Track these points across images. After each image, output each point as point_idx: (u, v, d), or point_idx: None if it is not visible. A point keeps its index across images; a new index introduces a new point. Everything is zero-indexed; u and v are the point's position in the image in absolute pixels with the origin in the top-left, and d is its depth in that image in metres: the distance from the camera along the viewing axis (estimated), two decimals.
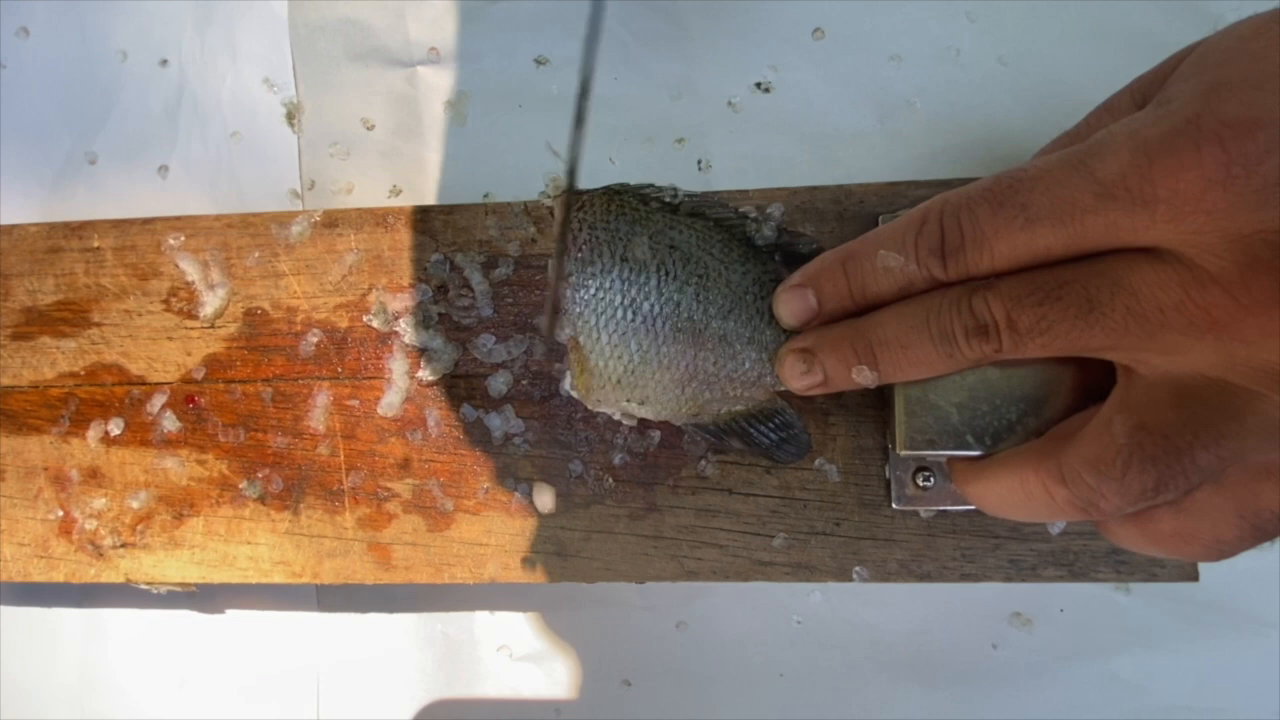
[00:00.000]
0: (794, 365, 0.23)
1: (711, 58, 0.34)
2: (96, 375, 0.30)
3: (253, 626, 0.35)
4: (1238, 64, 0.17)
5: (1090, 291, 0.18)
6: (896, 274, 0.21)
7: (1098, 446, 0.19)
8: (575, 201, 0.26)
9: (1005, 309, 0.19)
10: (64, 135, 0.37)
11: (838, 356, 0.22)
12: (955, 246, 0.19)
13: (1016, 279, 0.19)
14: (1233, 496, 0.18)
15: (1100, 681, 0.31)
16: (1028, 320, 0.19)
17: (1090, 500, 0.19)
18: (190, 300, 0.30)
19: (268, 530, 0.29)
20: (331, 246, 0.29)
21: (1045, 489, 0.19)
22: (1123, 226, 0.17)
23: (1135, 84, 0.21)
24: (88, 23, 0.37)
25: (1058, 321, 0.18)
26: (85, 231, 0.31)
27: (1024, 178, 0.19)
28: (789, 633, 0.33)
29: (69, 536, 0.30)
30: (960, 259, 0.20)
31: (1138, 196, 0.17)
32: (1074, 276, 0.18)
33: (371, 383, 0.29)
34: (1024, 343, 0.19)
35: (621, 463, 0.28)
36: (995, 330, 0.19)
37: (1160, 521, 0.19)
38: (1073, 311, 0.18)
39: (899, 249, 0.21)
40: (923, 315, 0.21)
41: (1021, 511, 0.21)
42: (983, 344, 0.20)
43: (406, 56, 0.35)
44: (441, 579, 0.28)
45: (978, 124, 0.33)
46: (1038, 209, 0.18)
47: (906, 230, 0.21)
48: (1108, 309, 0.18)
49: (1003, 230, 0.19)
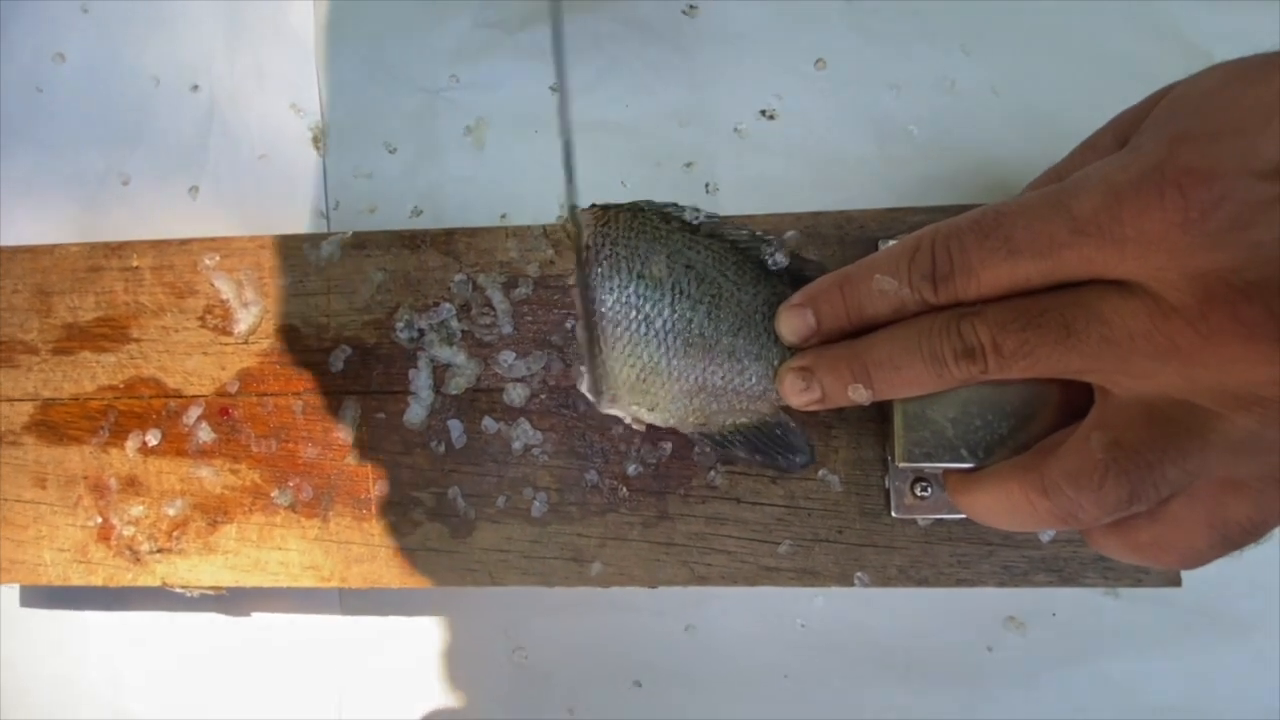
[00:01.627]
0: (793, 382, 0.25)
1: (718, 86, 0.36)
2: (135, 388, 0.32)
3: (278, 629, 0.36)
4: (1202, 115, 0.18)
5: (1067, 319, 0.19)
6: (891, 297, 0.22)
7: (1076, 460, 0.20)
8: (601, 216, 0.27)
9: (991, 334, 0.20)
10: (98, 157, 0.39)
11: (835, 375, 0.24)
12: (945, 273, 0.21)
13: (1001, 306, 0.21)
14: (1203, 508, 0.19)
15: (1091, 683, 0.33)
16: (1011, 344, 0.20)
17: (1070, 511, 0.20)
18: (225, 317, 0.31)
19: (298, 536, 0.31)
20: (360, 267, 0.31)
21: (1029, 500, 0.21)
22: (1096, 260, 0.19)
23: (1116, 122, 0.23)
24: (121, 49, 0.39)
25: (1038, 346, 0.20)
26: (125, 251, 0.32)
27: (1008, 212, 0.20)
28: (793, 636, 0.34)
29: (107, 542, 0.31)
30: (949, 285, 0.21)
31: (1108, 234, 0.18)
32: (1053, 304, 0.20)
33: (397, 396, 0.30)
34: (1008, 365, 0.20)
35: (635, 473, 0.29)
36: (982, 353, 0.21)
37: (1138, 531, 0.20)
38: (1052, 337, 0.20)
39: (893, 273, 0.22)
40: (914, 338, 0.22)
41: (1008, 521, 0.22)
42: (970, 365, 0.21)
43: (428, 83, 0.37)
44: (463, 584, 0.30)
45: (972, 151, 0.34)
46: (1019, 241, 0.20)
47: (900, 256, 0.22)
48: (1083, 335, 0.19)
49: (988, 260, 0.20)
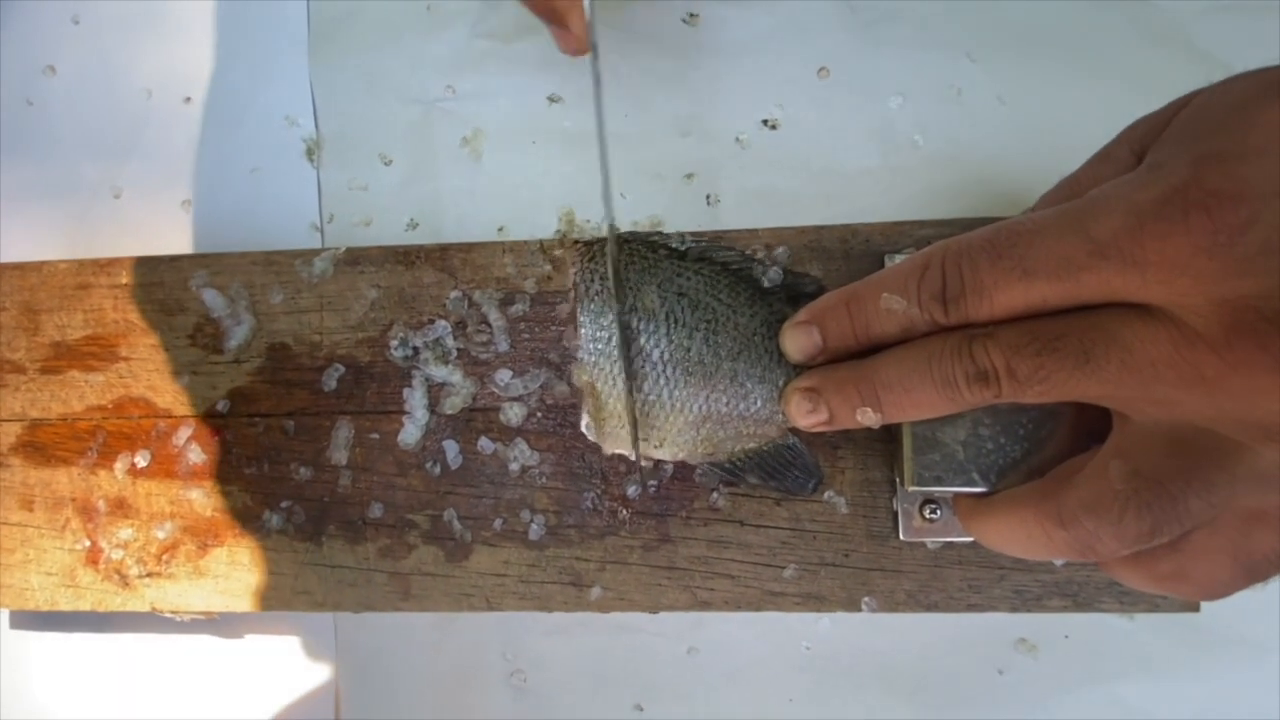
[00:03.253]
0: (800, 404, 0.24)
1: (719, 96, 0.35)
2: (124, 408, 0.31)
3: (271, 652, 0.35)
4: (1227, 134, 0.17)
5: (1086, 344, 0.19)
6: (899, 316, 0.22)
7: (1095, 491, 0.19)
8: (585, 252, 0.27)
9: (1005, 358, 0.20)
10: (90, 170, 0.38)
11: (842, 397, 0.23)
12: (956, 294, 0.20)
13: (1015, 328, 0.20)
14: (1227, 540, 0.18)
15: (1104, 707, 0.32)
16: (1026, 369, 0.19)
17: (1087, 543, 0.19)
18: (215, 335, 0.31)
19: (290, 560, 0.30)
20: (353, 283, 0.30)
21: (1044, 530, 0.20)
22: (1116, 284, 0.18)
23: (1131, 133, 0.22)
24: (113, 61, 0.38)
25: (1055, 371, 0.19)
26: (114, 268, 0.32)
27: (1022, 231, 0.19)
28: (798, 659, 0.33)
29: (96, 566, 0.31)
30: (960, 306, 0.20)
31: (1129, 257, 0.18)
32: (1070, 328, 0.19)
33: (391, 416, 0.30)
34: (1022, 390, 0.20)
35: (635, 495, 0.28)
36: (995, 377, 0.20)
37: (1159, 563, 0.20)
38: (1069, 363, 0.19)
39: (902, 292, 0.21)
40: (924, 360, 0.21)
41: (1022, 550, 0.21)
42: (983, 389, 0.20)
43: (423, 94, 0.36)
44: (460, 608, 0.29)
45: (978, 161, 0.34)
46: (1035, 262, 0.19)
47: (910, 274, 0.21)
48: (1102, 361, 0.18)
49: (1001, 281, 0.19)
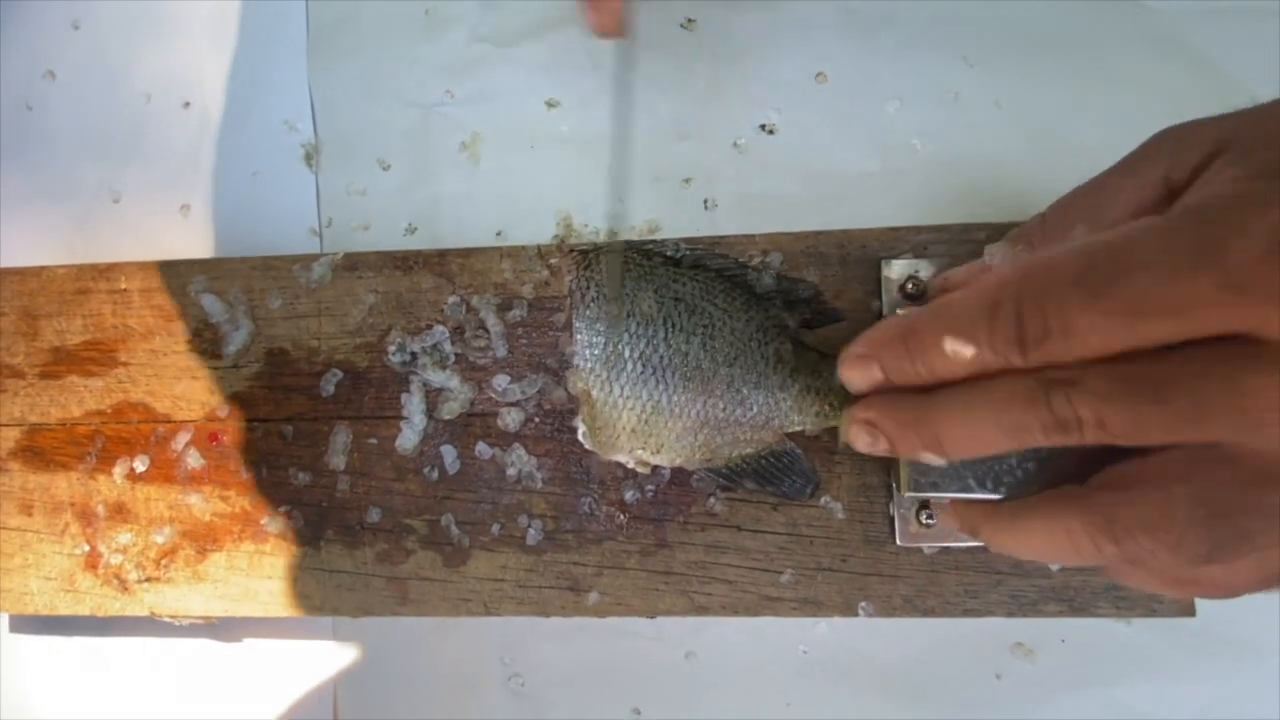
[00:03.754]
0: (859, 435, 0.23)
1: (717, 100, 0.35)
2: (123, 413, 0.31)
3: (270, 655, 0.36)
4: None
5: (1200, 394, 0.16)
6: (967, 361, 0.19)
7: (1155, 510, 0.18)
8: (581, 260, 0.27)
9: (1095, 409, 0.17)
10: (89, 174, 0.38)
11: (902, 439, 0.22)
12: (1038, 338, 0.18)
13: (1106, 375, 0.17)
14: (1276, 562, 0.17)
15: (1101, 710, 0.32)
16: (1122, 422, 0.17)
17: (1139, 558, 0.18)
18: (214, 340, 0.31)
19: (288, 565, 0.30)
20: (351, 289, 0.30)
21: (1094, 543, 0.18)
22: (1246, 320, 0.16)
23: (1160, 148, 0.20)
24: (113, 66, 0.39)
25: (1157, 424, 0.17)
26: (113, 273, 0.32)
27: (1127, 262, 0.16)
28: (796, 663, 0.33)
29: (95, 571, 0.31)
30: (1042, 350, 0.18)
31: (1274, 291, 0.15)
32: (1178, 373, 0.16)
33: (389, 421, 0.30)
34: (1111, 439, 0.17)
35: (632, 500, 0.29)
36: (1078, 427, 0.18)
37: (1199, 577, 0.18)
38: (1177, 415, 0.16)
39: (969, 338, 0.19)
40: (993, 411, 0.19)
41: (1056, 558, 0.20)
42: (1062, 437, 0.18)
43: (421, 99, 0.36)
44: (457, 613, 0.29)
45: (976, 165, 0.34)
46: (1149, 302, 0.16)
47: (978, 316, 0.19)
48: (1217, 411, 0.16)
49: (1100, 324, 0.17)
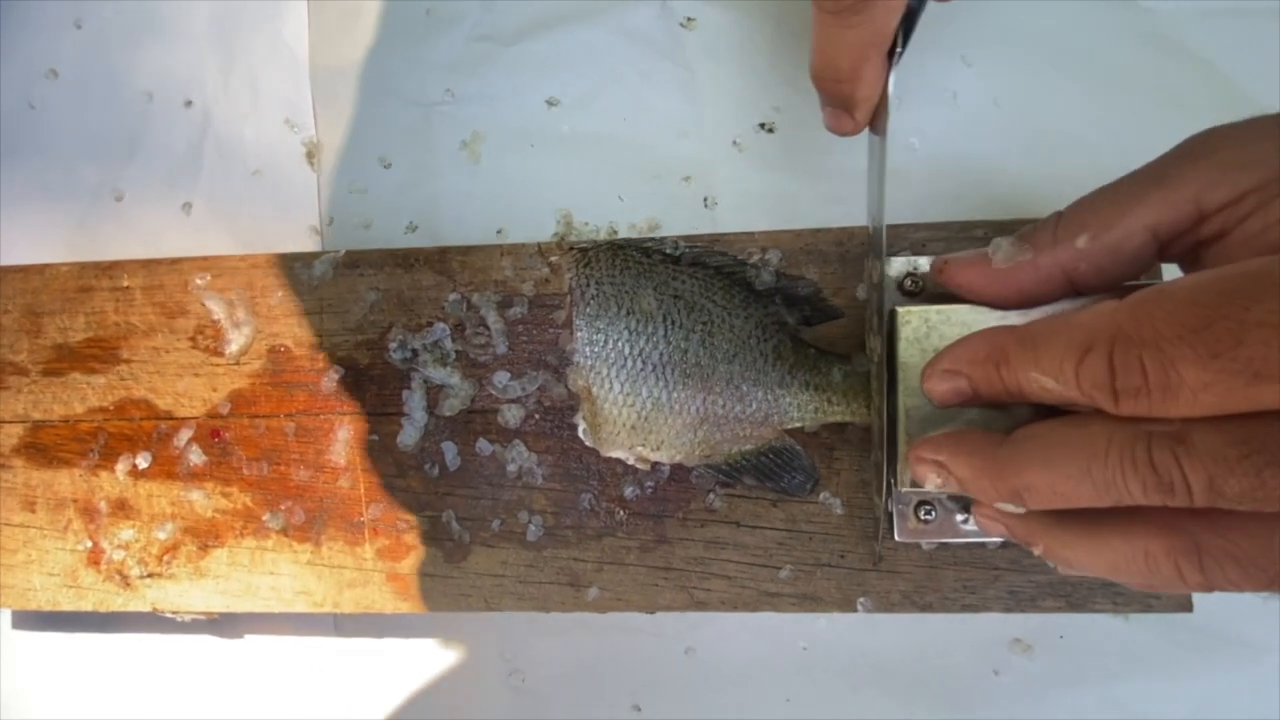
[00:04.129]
0: (928, 475, 0.22)
1: (716, 99, 0.35)
2: (125, 410, 0.31)
3: (272, 652, 0.36)
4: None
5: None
6: (1056, 393, 0.18)
7: (1252, 545, 0.17)
8: (581, 258, 0.27)
9: (1206, 472, 0.16)
10: (91, 173, 0.38)
11: (977, 486, 0.20)
12: (1134, 389, 0.16)
13: (1219, 433, 0.16)
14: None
15: (1099, 706, 0.32)
16: (1239, 487, 0.16)
17: (1222, 588, 0.17)
18: (216, 338, 0.31)
19: (290, 561, 0.30)
20: (353, 286, 0.31)
21: (1177, 570, 0.18)
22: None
23: (1194, 170, 0.19)
24: (115, 65, 0.39)
25: (1278, 489, 0.15)
26: (115, 271, 0.32)
27: (1248, 322, 0.15)
28: (795, 658, 0.33)
29: (97, 567, 0.31)
30: (1140, 401, 0.16)
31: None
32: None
33: (391, 418, 0.30)
34: (1223, 505, 0.16)
35: (632, 496, 0.29)
36: (1187, 489, 0.16)
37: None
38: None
39: (1055, 375, 0.18)
40: (1083, 463, 0.17)
41: (1129, 580, 0.19)
42: (1164, 498, 0.17)
43: (422, 98, 0.37)
44: (458, 609, 0.29)
45: (974, 164, 0.34)
46: (1273, 366, 0.15)
47: (1065, 354, 0.18)
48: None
49: (1213, 384, 0.15)
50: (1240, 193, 0.18)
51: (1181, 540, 0.17)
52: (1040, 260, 0.22)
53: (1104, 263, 0.21)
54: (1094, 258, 0.21)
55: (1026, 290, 0.22)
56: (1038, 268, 0.22)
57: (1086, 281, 0.22)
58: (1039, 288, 0.22)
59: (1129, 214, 0.20)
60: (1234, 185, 0.18)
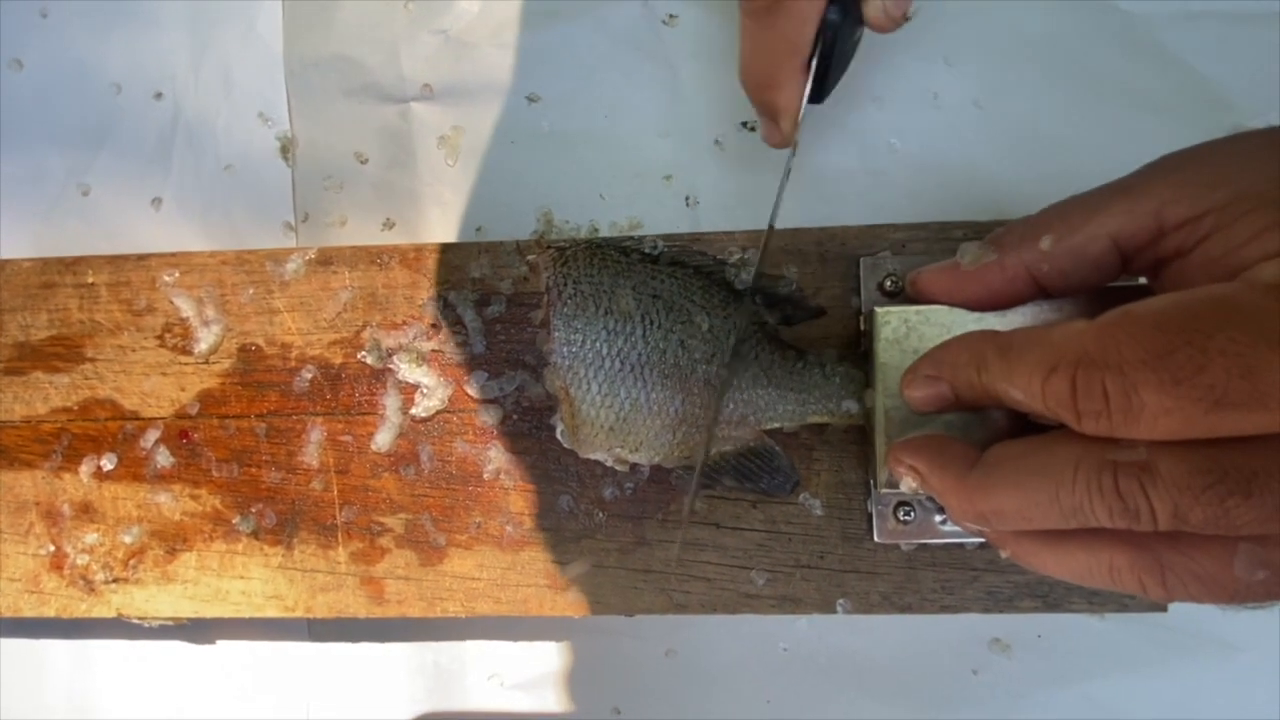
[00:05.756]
0: (904, 477, 0.22)
1: (699, 97, 0.35)
2: (90, 410, 0.30)
3: (244, 657, 0.35)
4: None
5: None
6: (1028, 408, 0.19)
7: (1214, 566, 0.17)
8: (559, 256, 0.26)
9: (1173, 501, 0.16)
10: (57, 167, 0.37)
11: (944, 500, 0.21)
12: (1094, 411, 0.16)
13: (1184, 460, 0.16)
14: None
15: (1077, 705, 0.32)
16: (1204, 515, 0.16)
17: (1184, 600, 0.17)
18: (184, 336, 0.30)
19: (260, 565, 0.29)
20: (326, 284, 0.30)
21: (1140, 583, 0.18)
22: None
23: (1162, 187, 0.19)
24: (82, 55, 0.38)
25: (1243, 518, 0.15)
26: (79, 267, 0.31)
27: (1211, 350, 0.15)
28: (775, 660, 0.33)
29: (60, 571, 0.30)
30: (1102, 423, 0.16)
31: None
32: (1270, 464, 0.15)
33: (365, 418, 0.29)
34: (1186, 529, 0.16)
35: (611, 497, 0.28)
36: (1151, 517, 0.16)
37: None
38: (1268, 508, 0.15)
39: (1024, 390, 0.18)
40: (1051, 490, 0.18)
41: (1092, 585, 0.19)
42: (1131, 524, 0.17)
43: (400, 92, 0.36)
44: (434, 612, 0.29)
45: (955, 165, 0.34)
46: (1234, 394, 0.15)
47: (1034, 371, 0.18)
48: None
49: (1175, 410, 0.15)
50: (1200, 211, 0.19)
51: (1145, 557, 0.18)
52: (1006, 260, 0.22)
53: (1066, 266, 0.21)
54: (1057, 260, 0.21)
55: (996, 289, 0.23)
56: (1003, 268, 0.22)
57: (1052, 284, 0.22)
58: (1007, 287, 0.23)
59: (1092, 220, 0.21)
60: (1195, 202, 0.18)
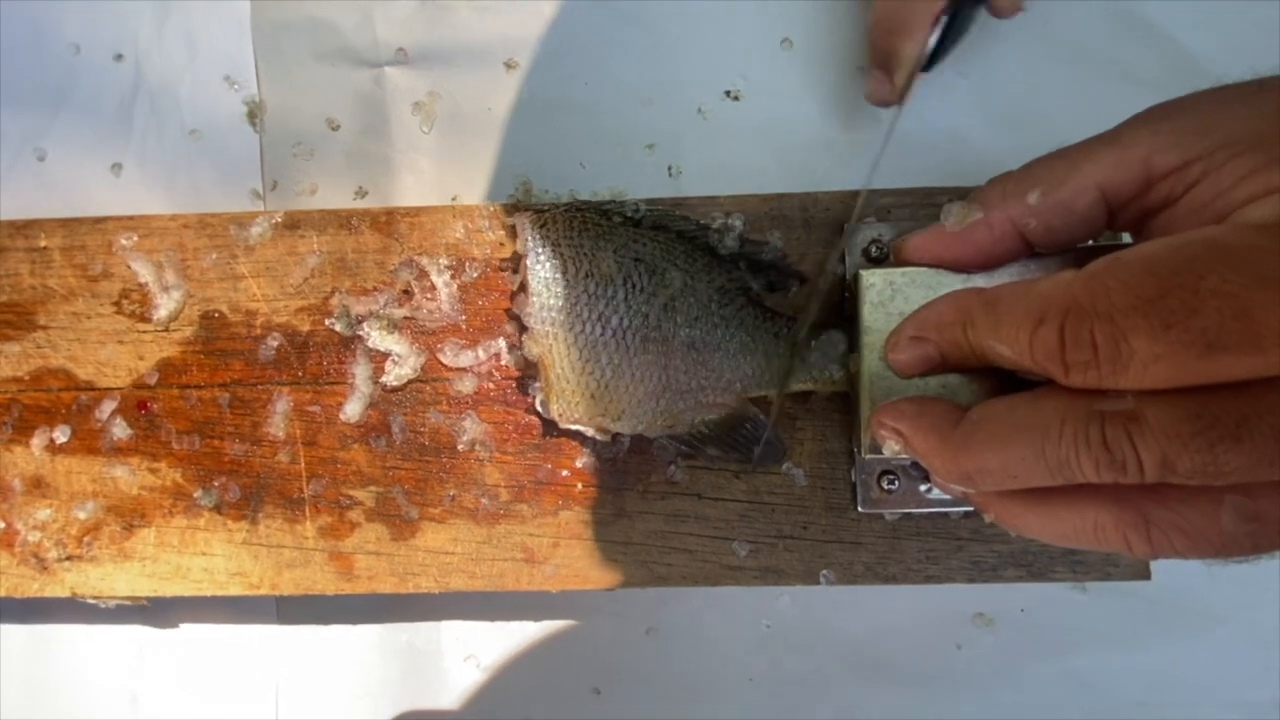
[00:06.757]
0: (888, 441, 0.22)
1: (682, 66, 0.34)
2: (42, 380, 0.29)
3: (209, 640, 0.34)
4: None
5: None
6: (1014, 364, 0.18)
7: (1200, 519, 0.16)
8: (537, 219, 0.26)
9: (1161, 450, 0.15)
10: (12, 131, 0.36)
11: (929, 463, 0.20)
12: (1083, 362, 0.16)
13: (1173, 408, 0.15)
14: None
15: (1060, 678, 0.32)
16: (1193, 463, 0.15)
17: (1169, 556, 0.17)
18: (143, 303, 0.29)
19: (224, 540, 0.28)
20: (293, 248, 0.29)
21: (1125, 540, 0.17)
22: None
23: (1151, 137, 0.19)
24: (39, 14, 0.36)
25: (1232, 464, 0.15)
26: (31, 230, 0.29)
27: (1205, 293, 0.15)
28: (758, 637, 0.33)
29: (11, 549, 0.29)
30: (1090, 374, 0.16)
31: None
32: (1259, 408, 0.15)
33: (334, 388, 0.28)
34: (1173, 479, 0.16)
35: (591, 468, 0.28)
36: (1139, 468, 0.16)
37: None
38: (1257, 458, 0.15)
39: (1011, 343, 0.18)
40: (1037, 444, 0.17)
41: (1077, 545, 0.19)
42: (1117, 477, 0.16)
43: (374, 56, 0.35)
44: (406, 589, 0.28)
45: (939, 133, 0.33)
46: (1227, 337, 0.14)
47: (1021, 324, 0.17)
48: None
49: (1166, 356, 0.15)
50: (1189, 158, 0.18)
51: (1129, 513, 0.17)
52: (992, 217, 0.22)
53: (1054, 221, 0.21)
54: (1044, 215, 0.21)
55: (984, 249, 0.22)
56: (990, 225, 0.22)
57: (1039, 240, 0.22)
58: (995, 245, 0.22)
59: (1080, 171, 0.20)
60: (1184, 150, 0.18)
